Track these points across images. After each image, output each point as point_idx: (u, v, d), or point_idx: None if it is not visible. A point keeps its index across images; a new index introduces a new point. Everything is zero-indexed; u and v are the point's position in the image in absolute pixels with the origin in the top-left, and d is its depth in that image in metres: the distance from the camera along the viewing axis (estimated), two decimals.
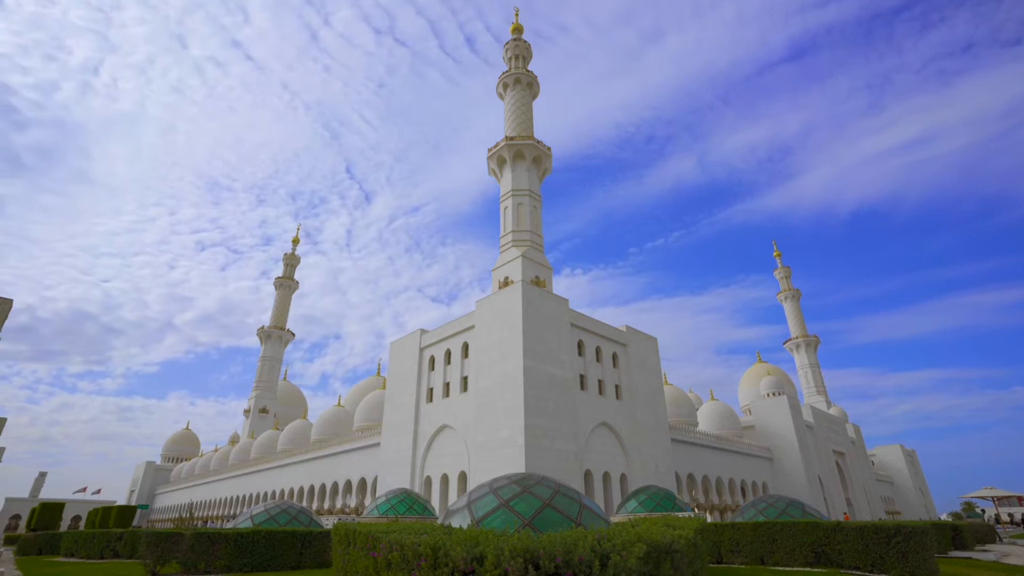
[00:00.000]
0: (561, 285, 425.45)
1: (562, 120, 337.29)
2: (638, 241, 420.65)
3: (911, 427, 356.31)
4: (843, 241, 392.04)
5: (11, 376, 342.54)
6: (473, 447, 36.94)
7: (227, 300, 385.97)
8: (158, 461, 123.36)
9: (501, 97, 61.55)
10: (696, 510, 50.82)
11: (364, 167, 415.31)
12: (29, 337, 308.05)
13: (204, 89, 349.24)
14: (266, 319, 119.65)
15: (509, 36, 64.03)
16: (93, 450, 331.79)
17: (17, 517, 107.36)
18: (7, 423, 26.72)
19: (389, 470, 44.71)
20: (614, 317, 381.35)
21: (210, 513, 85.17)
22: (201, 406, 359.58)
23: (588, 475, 37.76)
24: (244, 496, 75.43)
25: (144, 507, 75.14)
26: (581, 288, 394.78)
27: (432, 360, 45.19)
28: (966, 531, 29.81)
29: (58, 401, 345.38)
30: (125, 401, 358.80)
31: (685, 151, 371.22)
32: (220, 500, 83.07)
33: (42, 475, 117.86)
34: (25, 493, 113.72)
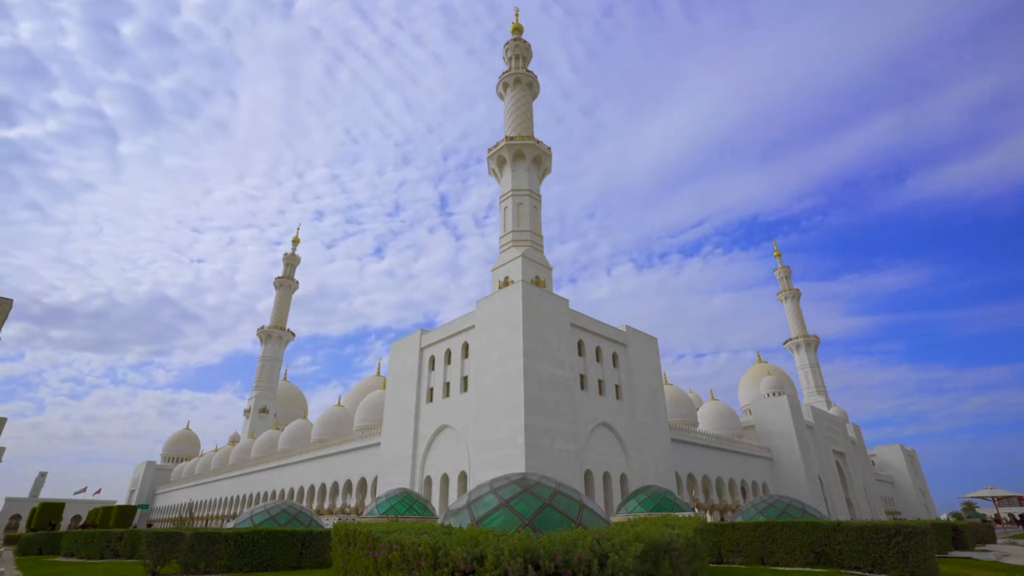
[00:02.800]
0: (693, 267, 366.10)
1: (770, 75, 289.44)
2: (795, 219, 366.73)
3: (982, 421, 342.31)
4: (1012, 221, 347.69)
5: (61, 366, 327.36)
6: (473, 447, 36.95)
7: (324, 283, 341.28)
8: (158, 461, 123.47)
9: (501, 97, 61.63)
10: (696, 510, 50.80)
11: (543, 119, 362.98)
12: (99, 324, 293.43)
13: (395, 12, 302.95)
14: (360, 303, 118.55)
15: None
16: (124, 448, 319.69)
17: (17, 517, 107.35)
18: (7, 423, 26.72)
19: (389, 470, 44.71)
20: (724, 304, 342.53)
21: (210, 513, 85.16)
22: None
23: (588, 475, 37.75)
24: (244, 496, 75.41)
25: (144, 507, 75.26)
26: (717, 270, 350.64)
27: (432, 360, 45.19)
28: (966, 531, 29.81)
29: (101, 396, 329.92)
30: (172, 395, 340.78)
31: (895, 105, 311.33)
32: (220, 500, 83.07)
33: (42, 475, 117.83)
34: (60, 495, 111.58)
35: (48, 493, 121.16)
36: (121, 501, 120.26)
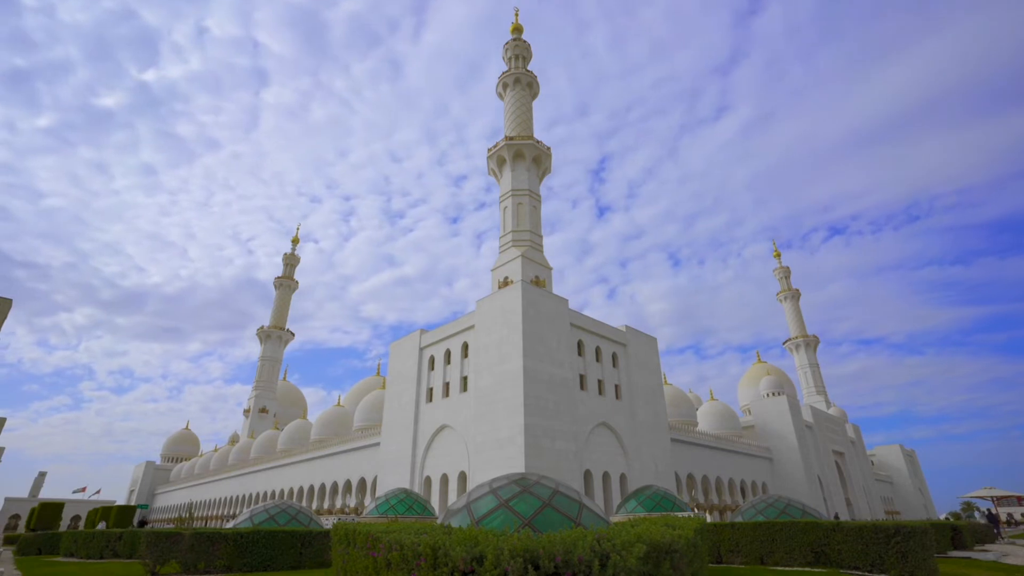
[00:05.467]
0: (831, 248, 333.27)
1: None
2: (966, 190, 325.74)
3: None
4: None
5: (115, 356, 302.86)
6: (473, 447, 36.94)
7: (435, 263, 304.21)
8: (158, 461, 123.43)
9: (501, 97, 61.64)
10: (696, 510, 50.80)
11: (748, 70, 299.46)
12: (172, 310, 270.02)
13: None
14: (462, 287, 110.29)
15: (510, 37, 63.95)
16: (152, 446, 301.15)
17: (17, 517, 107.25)
18: (6, 423, 26.70)
19: (389, 470, 44.69)
20: (842, 291, 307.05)
21: (210, 513, 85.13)
22: (309, 396, 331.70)
23: (588, 475, 37.75)
24: (244, 496, 75.38)
25: (144, 507, 75.27)
26: (857, 251, 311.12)
27: (432, 360, 45.18)
28: (966, 531, 29.80)
29: (146, 390, 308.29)
30: (220, 389, 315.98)
31: None
32: (220, 500, 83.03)
33: (41, 475, 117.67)
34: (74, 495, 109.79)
35: (49, 492, 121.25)
36: (121, 501, 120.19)
